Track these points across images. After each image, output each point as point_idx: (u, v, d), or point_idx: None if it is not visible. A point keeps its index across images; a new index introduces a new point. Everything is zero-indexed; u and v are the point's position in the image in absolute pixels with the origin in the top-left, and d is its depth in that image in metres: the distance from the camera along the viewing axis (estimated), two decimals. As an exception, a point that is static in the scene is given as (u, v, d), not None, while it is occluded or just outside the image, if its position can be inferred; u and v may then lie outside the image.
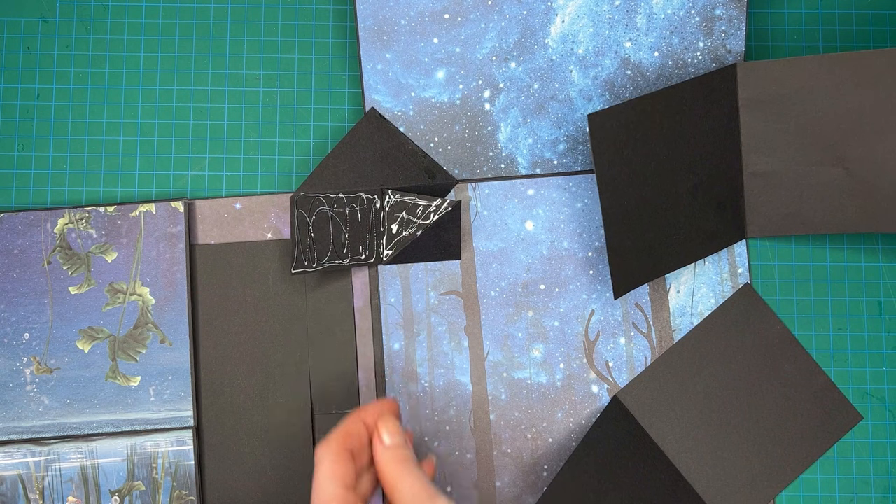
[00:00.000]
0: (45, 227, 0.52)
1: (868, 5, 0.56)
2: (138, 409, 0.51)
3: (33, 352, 0.51)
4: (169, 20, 0.54)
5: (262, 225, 0.53)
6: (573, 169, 0.54)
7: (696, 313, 0.53)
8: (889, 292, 0.54)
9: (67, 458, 0.50)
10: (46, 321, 0.51)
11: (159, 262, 0.52)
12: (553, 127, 0.53)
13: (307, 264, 0.50)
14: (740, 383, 0.50)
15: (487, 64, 0.53)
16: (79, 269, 0.51)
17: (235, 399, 0.52)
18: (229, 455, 0.51)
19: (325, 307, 0.52)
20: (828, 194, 0.51)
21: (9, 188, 0.53)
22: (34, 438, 0.50)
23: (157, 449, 0.51)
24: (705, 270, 0.53)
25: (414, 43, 0.52)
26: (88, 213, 0.52)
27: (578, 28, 0.53)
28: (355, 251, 0.51)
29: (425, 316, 0.53)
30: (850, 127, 0.49)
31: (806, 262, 0.54)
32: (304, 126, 0.54)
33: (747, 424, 0.49)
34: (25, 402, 0.51)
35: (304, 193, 0.50)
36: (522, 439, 0.52)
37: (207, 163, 0.54)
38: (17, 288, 0.51)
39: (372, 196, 0.51)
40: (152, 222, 0.52)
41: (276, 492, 0.51)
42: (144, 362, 0.51)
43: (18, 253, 0.51)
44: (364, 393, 0.52)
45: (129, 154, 0.54)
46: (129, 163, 0.53)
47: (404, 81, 0.52)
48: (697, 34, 0.53)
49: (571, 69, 0.53)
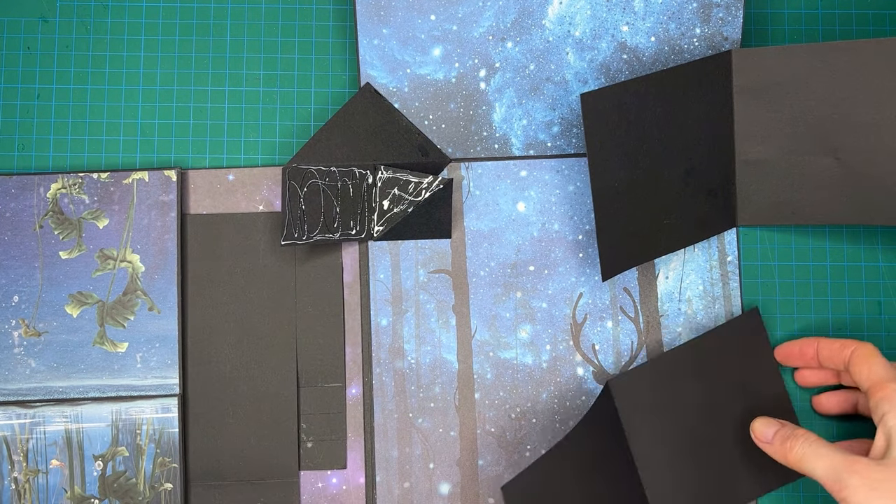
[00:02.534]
0: (37, 192, 0.52)
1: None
2: (124, 376, 0.51)
3: (22, 315, 0.51)
4: (169, 20, 0.55)
5: (255, 197, 0.53)
6: (566, 151, 0.54)
7: (683, 299, 0.53)
8: (889, 292, 0.54)
9: (52, 421, 0.51)
10: (36, 285, 0.51)
11: (150, 230, 0.52)
12: (548, 109, 0.53)
13: (297, 236, 0.50)
14: (722, 404, 0.50)
15: (484, 43, 0.53)
16: (70, 234, 0.52)
17: (221, 369, 0.52)
18: (213, 424, 0.51)
19: (315, 281, 0.53)
20: (819, 184, 0.51)
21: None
22: (20, 401, 0.51)
23: (142, 415, 0.51)
24: (694, 257, 0.53)
25: (411, 19, 0.52)
26: (81, 178, 0.52)
27: (576, 10, 0.53)
28: (346, 226, 0.52)
29: (414, 293, 0.53)
30: (844, 117, 0.49)
31: (806, 263, 0.54)
32: (304, 126, 0.54)
33: (717, 447, 0.49)
34: (12, 364, 0.51)
35: (295, 165, 0.50)
36: (506, 419, 0.52)
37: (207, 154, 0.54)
38: (7, 251, 0.51)
39: (364, 171, 0.51)
40: (145, 190, 0.52)
41: (259, 461, 0.51)
42: (132, 329, 0.51)
43: (10, 216, 0.51)
44: (350, 367, 0.52)
45: (129, 154, 0.54)
46: (129, 162, 0.53)
47: (400, 57, 0.53)
48: (694, 20, 0.53)
49: (568, 51, 0.53)
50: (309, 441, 0.52)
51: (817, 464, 0.43)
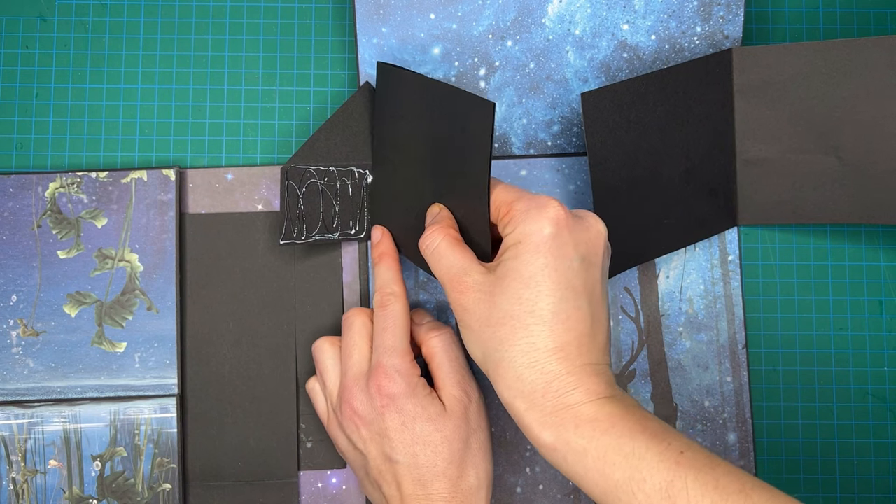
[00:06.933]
0: (35, 191, 0.52)
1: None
2: (123, 376, 0.51)
3: (20, 314, 0.51)
4: (168, 19, 0.54)
5: (254, 196, 0.53)
6: (567, 151, 0.53)
7: (684, 299, 0.53)
8: (891, 292, 0.54)
9: (50, 421, 0.50)
10: (34, 284, 0.51)
11: (149, 230, 0.52)
12: (548, 108, 0.53)
13: (296, 236, 0.50)
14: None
15: (484, 41, 0.53)
16: (68, 233, 0.51)
17: (220, 369, 0.52)
18: (212, 424, 0.51)
19: (314, 281, 0.52)
20: (821, 183, 0.51)
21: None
22: (18, 401, 0.50)
23: (141, 416, 0.51)
24: (695, 256, 0.53)
25: (411, 17, 0.52)
26: (80, 178, 0.52)
27: (576, 9, 0.53)
28: (345, 225, 0.51)
29: (414, 293, 0.53)
30: (845, 115, 0.49)
31: (807, 262, 0.54)
32: (304, 125, 0.54)
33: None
34: (10, 364, 0.51)
35: (294, 165, 0.50)
36: (507, 419, 0.52)
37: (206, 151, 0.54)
38: (5, 250, 0.51)
39: (363, 171, 0.51)
40: (143, 189, 0.52)
41: (259, 462, 0.51)
42: (131, 329, 0.51)
43: (9, 215, 0.51)
44: (349, 367, 0.52)
45: (128, 153, 0.53)
46: (128, 161, 0.53)
47: (400, 56, 0.52)
48: (695, 19, 0.52)
49: (568, 50, 0.53)
50: (308, 441, 0.52)
51: (440, 263, 0.43)
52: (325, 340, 0.49)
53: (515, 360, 0.40)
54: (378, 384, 0.45)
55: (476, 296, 0.42)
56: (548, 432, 0.40)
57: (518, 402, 0.40)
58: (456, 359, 0.47)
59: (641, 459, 0.38)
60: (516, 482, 0.52)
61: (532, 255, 0.40)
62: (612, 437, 0.39)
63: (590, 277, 0.42)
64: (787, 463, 0.53)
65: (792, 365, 0.53)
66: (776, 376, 0.53)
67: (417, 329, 0.48)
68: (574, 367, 0.40)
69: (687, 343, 0.53)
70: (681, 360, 0.53)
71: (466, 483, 0.44)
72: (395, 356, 0.45)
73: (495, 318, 0.41)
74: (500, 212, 0.43)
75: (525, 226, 0.41)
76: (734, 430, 0.52)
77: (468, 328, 0.42)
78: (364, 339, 0.47)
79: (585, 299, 0.41)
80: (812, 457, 0.53)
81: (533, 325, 0.40)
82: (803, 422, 0.53)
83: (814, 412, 0.53)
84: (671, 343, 0.53)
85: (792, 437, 0.53)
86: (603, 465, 0.38)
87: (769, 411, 0.53)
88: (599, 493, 0.39)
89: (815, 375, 0.53)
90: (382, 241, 0.50)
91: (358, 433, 0.45)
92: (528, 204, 0.41)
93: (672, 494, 0.37)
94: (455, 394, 0.46)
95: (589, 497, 0.44)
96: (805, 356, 0.54)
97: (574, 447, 0.39)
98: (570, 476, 0.40)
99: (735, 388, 0.52)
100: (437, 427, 0.44)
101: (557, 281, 0.40)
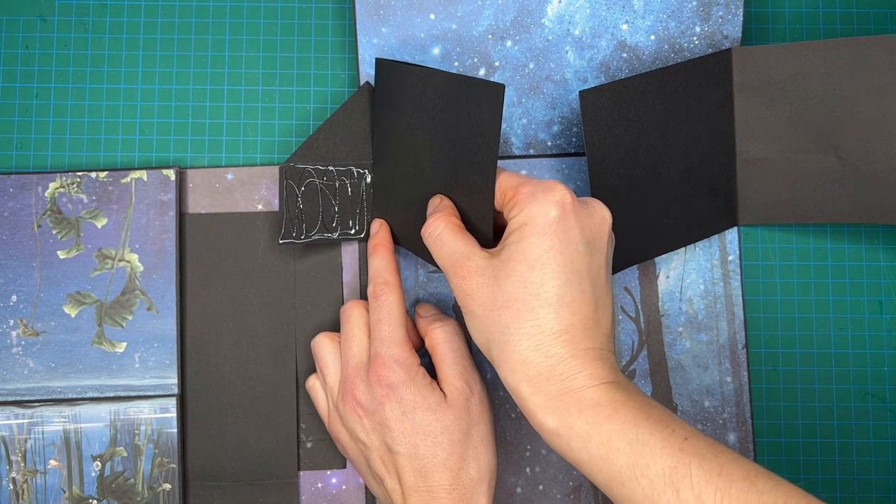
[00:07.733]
0: (35, 191, 0.52)
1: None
2: (123, 376, 0.51)
3: (20, 314, 0.51)
4: (168, 18, 0.54)
5: (253, 196, 0.53)
6: (566, 151, 0.53)
7: (684, 299, 0.53)
8: (891, 292, 0.54)
9: (50, 421, 0.50)
10: (34, 284, 0.51)
11: (149, 230, 0.52)
12: (547, 108, 0.53)
13: (295, 235, 0.50)
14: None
15: (483, 42, 0.53)
16: (68, 233, 0.51)
17: (220, 369, 0.52)
18: (212, 424, 0.51)
19: (314, 281, 0.52)
20: (821, 183, 0.51)
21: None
22: (18, 401, 0.50)
23: (141, 416, 0.51)
24: (695, 256, 0.53)
25: (410, 18, 0.52)
26: (80, 178, 0.52)
27: (575, 9, 0.53)
28: (345, 225, 0.51)
29: (414, 293, 0.53)
30: (845, 115, 0.49)
31: (807, 262, 0.54)
32: (304, 125, 0.54)
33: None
34: (10, 364, 0.51)
35: (292, 164, 0.50)
36: (507, 418, 0.52)
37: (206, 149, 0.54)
38: (5, 250, 0.51)
39: (362, 170, 0.51)
40: (143, 189, 0.52)
41: (259, 462, 0.51)
42: (130, 329, 0.51)
43: (9, 215, 0.51)
44: (349, 367, 0.52)
45: (128, 153, 0.53)
46: (128, 161, 0.53)
47: (399, 56, 0.52)
48: (694, 19, 0.52)
49: (567, 50, 0.53)
50: (308, 441, 0.52)
51: (443, 250, 0.43)
52: (324, 336, 0.49)
53: (520, 343, 0.40)
54: (378, 374, 0.45)
55: (479, 280, 0.42)
56: (551, 417, 0.40)
57: (523, 386, 0.40)
58: (458, 350, 0.47)
59: (645, 445, 0.38)
60: (516, 482, 0.52)
61: (538, 237, 0.40)
62: (616, 423, 0.38)
63: (594, 262, 0.41)
64: (787, 463, 0.53)
65: (792, 365, 0.53)
66: (776, 376, 0.53)
67: (421, 321, 0.49)
68: (578, 350, 0.40)
69: (687, 343, 0.53)
70: (681, 360, 0.53)
71: (468, 475, 0.44)
72: (392, 346, 0.45)
73: (500, 302, 0.41)
74: (505, 196, 0.43)
75: (531, 208, 0.41)
76: (734, 430, 0.52)
77: (471, 314, 0.42)
78: (363, 330, 0.47)
79: (589, 283, 0.41)
80: (812, 457, 0.53)
81: (538, 307, 0.40)
82: (803, 422, 0.53)
83: (814, 412, 0.53)
84: (671, 343, 0.53)
85: (792, 437, 0.53)
86: (607, 450, 0.38)
87: (769, 411, 0.53)
88: (603, 478, 0.39)
89: (815, 375, 0.53)
90: (379, 232, 0.50)
91: (360, 423, 0.45)
92: (535, 188, 0.41)
93: (675, 481, 0.37)
94: (457, 384, 0.46)
95: (592, 482, 0.44)
96: (805, 356, 0.53)
97: (577, 432, 0.39)
98: (573, 462, 0.40)
99: (735, 388, 0.52)
100: (437, 417, 0.44)
101: (563, 264, 0.40)
